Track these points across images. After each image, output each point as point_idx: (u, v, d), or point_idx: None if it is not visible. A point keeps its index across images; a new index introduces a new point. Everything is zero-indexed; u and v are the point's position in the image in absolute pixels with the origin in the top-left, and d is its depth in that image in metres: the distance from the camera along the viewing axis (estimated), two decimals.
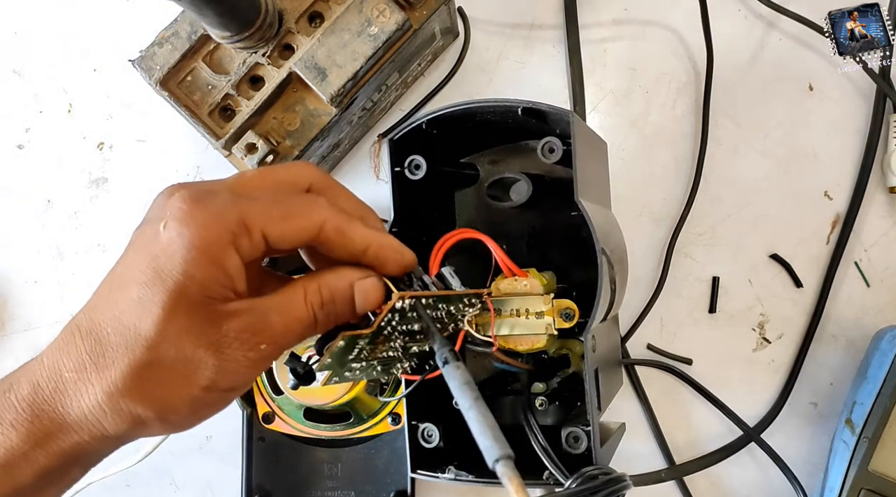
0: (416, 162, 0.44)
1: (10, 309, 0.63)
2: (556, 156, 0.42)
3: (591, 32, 0.59)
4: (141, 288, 0.28)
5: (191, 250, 0.27)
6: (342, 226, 0.31)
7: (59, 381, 0.28)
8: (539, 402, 0.44)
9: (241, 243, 0.28)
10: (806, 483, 0.53)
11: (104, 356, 0.27)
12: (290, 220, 0.30)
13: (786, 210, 0.57)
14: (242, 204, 0.29)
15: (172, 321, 0.27)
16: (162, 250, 0.28)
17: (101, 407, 0.27)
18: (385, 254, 0.32)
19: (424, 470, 0.43)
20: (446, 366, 0.31)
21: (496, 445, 0.27)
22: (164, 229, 0.28)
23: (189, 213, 0.28)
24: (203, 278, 0.27)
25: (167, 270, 0.27)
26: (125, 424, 0.28)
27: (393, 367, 0.37)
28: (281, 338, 0.30)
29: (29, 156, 0.63)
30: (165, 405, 0.28)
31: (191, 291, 0.27)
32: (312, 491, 0.57)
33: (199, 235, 0.27)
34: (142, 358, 0.27)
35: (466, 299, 0.37)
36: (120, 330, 0.28)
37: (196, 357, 0.28)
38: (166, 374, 0.28)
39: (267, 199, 0.30)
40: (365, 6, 0.48)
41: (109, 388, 0.27)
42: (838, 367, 0.56)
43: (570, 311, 0.40)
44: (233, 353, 0.28)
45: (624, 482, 0.37)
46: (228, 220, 0.28)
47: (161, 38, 0.50)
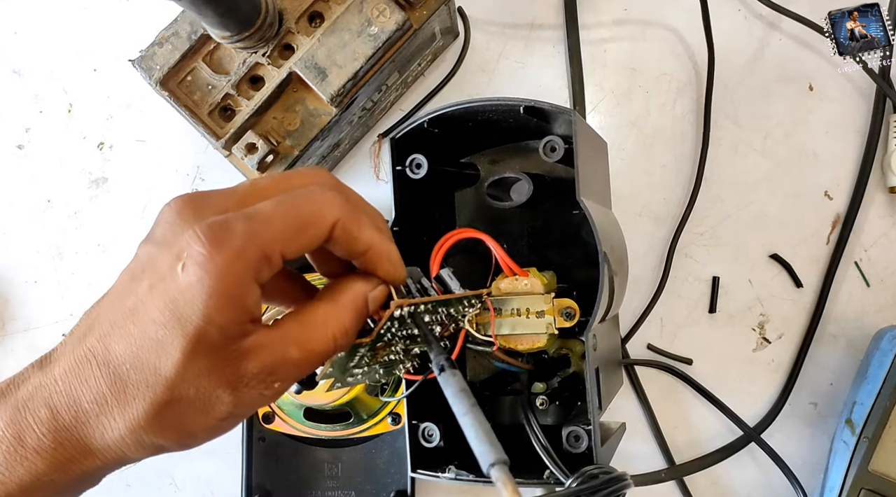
0: (417, 161, 0.44)
1: (10, 309, 0.63)
2: (558, 155, 0.42)
3: (591, 32, 0.59)
4: (159, 328, 0.27)
5: (212, 296, 0.27)
6: (351, 227, 0.30)
7: (78, 410, 0.28)
8: (540, 402, 0.44)
9: (262, 273, 0.28)
10: (806, 483, 0.53)
11: (125, 393, 0.28)
12: (306, 230, 0.29)
13: (786, 210, 0.57)
14: (260, 233, 0.28)
15: (192, 364, 0.27)
16: (181, 294, 0.27)
17: (125, 440, 0.28)
18: (381, 261, 0.32)
19: (425, 469, 0.43)
20: (442, 374, 0.32)
21: (491, 450, 0.27)
22: (182, 271, 0.27)
23: (209, 258, 0.26)
24: (223, 322, 0.27)
25: (187, 316, 0.27)
26: (147, 452, 0.29)
27: (395, 368, 0.37)
28: (296, 372, 0.30)
29: (29, 156, 0.63)
30: (185, 435, 0.29)
31: (210, 336, 0.27)
32: (312, 491, 0.57)
33: (221, 281, 0.27)
34: (162, 397, 0.27)
35: (466, 301, 0.37)
36: (139, 367, 0.28)
37: (214, 395, 0.28)
38: (186, 411, 0.28)
39: (280, 217, 0.29)
40: (365, 6, 0.48)
41: (132, 424, 0.28)
42: (838, 367, 0.56)
43: (571, 311, 0.40)
44: (249, 391, 0.29)
45: (625, 481, 0.37)
46: (250, 258, 0.27)
47: (161, 38, 0.50)
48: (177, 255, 0.27)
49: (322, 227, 0.30)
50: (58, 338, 0.62)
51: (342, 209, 0.30)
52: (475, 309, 0.38)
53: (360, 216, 0.31)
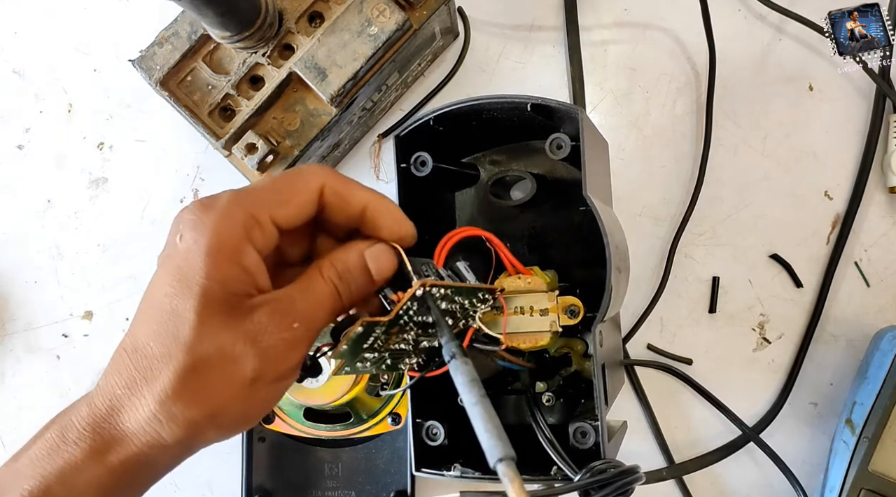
0: (422, 158, 0.44)
1: (10, 309, 0.63)
2: (564, 152, 0.42)
3: (592, 33, 0.59)
4: (172, 299, 0.29)
5: (208, 254, 0.28)
6: (340, 188, 0.32)
7: (112, 398, 0.29)
8: (546, 399, 0.44)
9: (254, 236, 0.30)
10: (806, 483, 0.53)
11: (151, 369, 0.29)
12: (293, 196, 0.31)
13: (786, 210, 0.57)
14: (245, 198, 0.30)
15: (206, 323, 0.28)
16: (183, 260, 0.29)
17: (156, 416, 0.28)
18: (381, 217, 0.33)
19: (429, 468, 0.43)
20: (453, 361, 0.31)
21: (499, 445, 0.27)
22: (180, 241, 0.29)
23: (199, 220, 0.29)
24: (224, 278, 0.29)
25: (191, 277, 0.28)
26: (180, 430, 0.29)
27: (401, 362, 0.36)
28: (311, 315, 0.31)
29: (29, 156, 0.63)
30: (216, 404, 0.29)
31: (216, 292, 0.28)
32: (312, 491, 0.57)
33: (212, 239, 0.29)
34: (185, 362, 0.28)
35: (480, 294, 0.37)
36: (161, 341, 0.29)
37: (236, 351, 0.29)
38: (210, 373, 0.29)
39: (265, 185, 0.31)
40: (365, 6, 0.48)
41: (160, 397, 0.28)
42: (838, 367, 0.56)
43: (574, 308, 0.40)
44: (269, 338, 0.29)
45: (636, 474, 0.36)
46: (237, 218, 0.29)
47: (161, 38, 0.50)
48: (177, 234, 0.29)
49: (308, 192, 0.31)
50: (58, 338, 0.62)
51: (328, 175, 0.32)
52: (486, 305, 0.38)
53: (350, 181, 0.33)
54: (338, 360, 0.33)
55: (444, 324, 0.33)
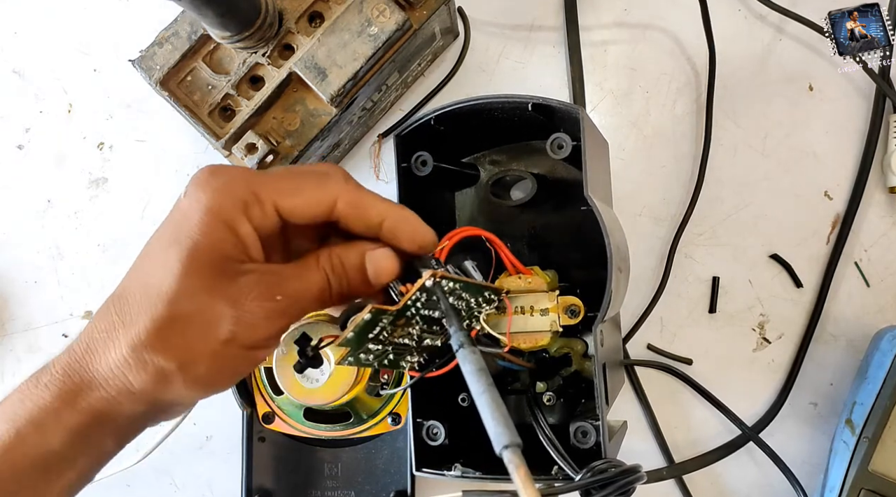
0: (422, 158, 0.44)
1: (10, 309, 0.63)
2: (565, 152, 0.42)
3: (592, 33, 0.59)
4: (163, 250, 0.30)
5: (206, 213, 0.29)
6: (356, 199, 0.32)
7: (90, 341, 0.30)
8: (547, 398, 0.44)
9: (252, 212, 0.30)
10: (806, 483, 0.53)
11: (129, 314, 0.29)
12: (302, 193, 0.31)
13: (786, 210, 0.57)
14: (254, 177, 0.31)
15: (190, 277, 0.29)
16: (181, 214, 0.30)
17: (126, 360, 0.29)
18: (400, 227, 0.33)
19: (429, 468, 0.43)
20: (461, 349, 0.31)
21: (506, 432, 0.27)
22: (184, 196, 0.30)
23: (206, 181, 0.30)
24: (217, 239, 0.29)
25: (185, 231, 0.29)
26: (149, 378, 0.29)
27: (403, 359, 0.36)
28: (296, 295, 0.31)
29: (29, 156, 0.63)
30: (187, 357, 0.29)
31: (206, 250, 0.29)
32: (312, 491, 0.57)
33: (213, 199, 0.30)
34: (163, 312, 0.29)
35: (487, 294, 0.37)
36: (144, 289, 0.29)
37: (215, 310, 0.29)
38: (187, 327, 0.29)
39: (279, 175, 0.32)
40: (365, 6, 0.48)
41: (133, 342, 0.29)
42: (838, 367, 0.56)
43: (575, 308, 0.40)
44: (249, 304, 0.30)
45: (637, 473, 0.36)
46: (239, 189, 0.30)
47: (161, 38, 0.50)
48: (184, 193, 0.31)
49: (321, 195, 0.32)
50: (58, 338, 0.62)
51: (345, 183, 0.32)
52: (491, 307, 0.38)
53: (366, 191, 0.33)
54: (343, 347, 0.33)
55: (453, 313, 0.33)
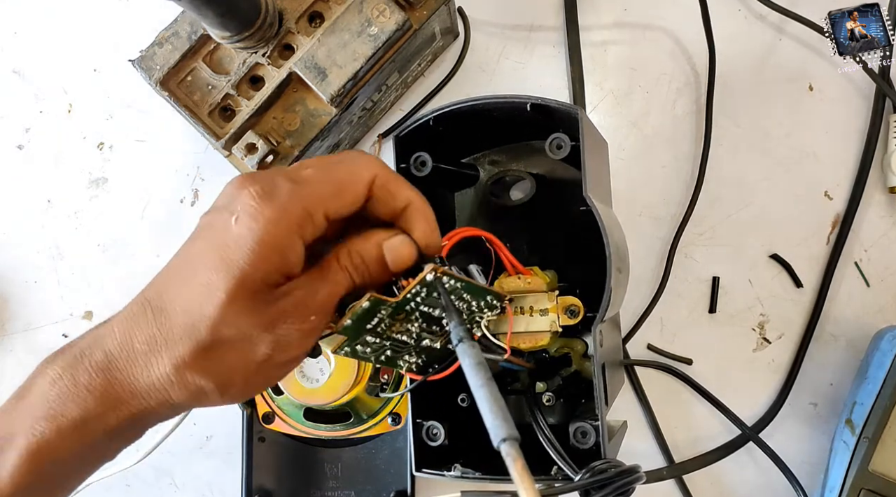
0: (421, 159, 0.44)
1: (10, 309, 0.63)
2: (564, 152, 0.42)
3: (592, 33, 0.59)
4: (209, 273, 0.30)
5: (259, 244, 0.30)
6: (389, 182, 0.33)
7: (130, 351, 0.30)
8: (546, 399, 0.44)
9: (305, 231, 0.31)
10: (806, 483, 0.53)
11: (172, 333, 0.30)
12: (344, 193, 0.32)
13: (786, 210, 0.57)
14: (304, 193, 0.31)
15: (233, 305, 0.30)
16: (233, 241, 0.30)
17: (169, 378, 0.30)
18: (419, 219, 0.33)
19: (429, 468, 0.43)
20: (461, 344, 0.31)
21: (504, 425, 0.27)
22: (235, 223, 0.30)
23: (259, 210, 0.30)
24: (266, 269, 0.30)
25: (234, 260, 0.30)
26: (188, 394, 0.31)
27: (401, 358, 0.36)
28: (328, 306, 0.32)
29: (29, 156, 0.63)
30: (225, 379, 0.31)
31: (253, 280, 0.30)
32: (312, 491, 0.57)
33: (268, 231, 0.30)
34: (206, 337, 0.30)
35: (489, 298, 0.37)
36: (188, 310, 0.30)
37: (253, 336, 0.30)
38: (226, 352, 0.30)
39: (321, 179, 0.32)
40: (365, 6, 0.48)
41: (177, 363, 0.30)
42: (838, 367, 0.56)
43: (575, 308, 0.40)
44: (286, 328, 0.31)
45: (637, 473, 0.36)
46: (294, 213, 0.30)
47: (161, 38, 0.50)
48: (232, 213, 0.30)
49: (360, 185, 0.32)
50: (58, 338, 0.62)
51: (378, 166, 0.33)
52: (493, 313, 0.38)
53: (398, 176, 0.33)
54: (340, 335, 0.34)
55: (452, 307, 0.33)
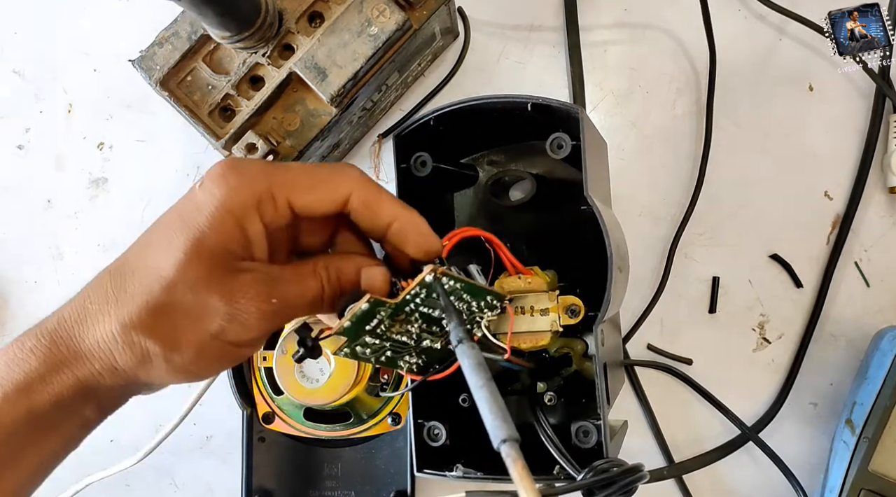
0: (422, 158, 0.44)
1: (10, 309, 0.63)
2: (565, 152, 0.42)
3: (592, 33, 0.59)
4: (169, 235, 0.30)
5: (218, 207, 0.30)
6: (369, 197, 0.33)
7: (81, 311, 0.30)
8: (548, 398, 0.44)
9: (265, 209, 0.31)
10: (806, 483, 0.53)
11: (125, 291, 0.30)
12: (317, 189, 0.32)
13: (786, 210, 0.57)
14: (273, 173, 0.31)
15: (191, 267, 0.29)
16: (194, 204, 0.30)
17: (114, 336, 0.29)
18: (409, 233, 0.33)
19: (430, 469, 0.43)
20: (460, 345, 0.31)
21: (504, 426, 0.27)
22: (199, 187, 0.31)
23: (223, 176, 0.30)
24: (224, 235, 0.30)
25: (193, 221, 0.30)
26: (133, 358, 0.30)
27: (401, 359, 0.36)
28: (290, 300, 0.32)
29: (29, 156, 0.63)
30: (172, 344, 0.30)
31: (212, 244, 0.30)
32: (312, 491, 0.57)
33: (228, 196, 0.30)
34: (159, 297, 0.29)
35: (489, 299, 0.37)
36: (143, 269, 0.30)
37: (209, 303, 0.30)
38: (178, 315, 0.30)
39: (297, 170, 0.32)
40: (365, 6, 0.48)
41: (124, 320, 0.29)
42: (838, 367, 0.56)
43: (575, 308, 0.40)
44: (245, 304, 0.30)
45: (641, 472, 0.36)
46: (256, 187, 0.31)
47: (161, 38, 0.50)
48: (199, 181, 0.31)
49: (335, 193, 0.32)
50: None
51: (360, 181, 0.33)
52: (494, 313, 0.38)
53: (381, 191, 0.33)
54: (340, 336, 0.33)
55: (452, 308, 0.33)
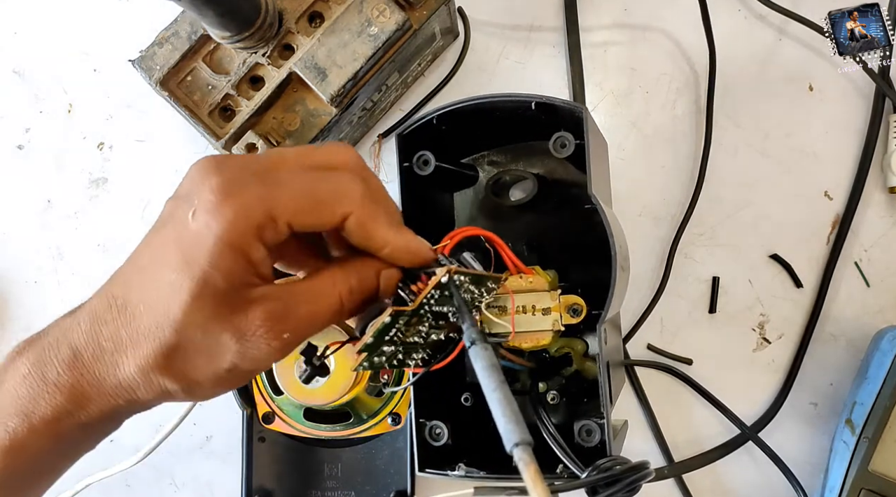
0: (424, 157, 0.44)
1: (10, 309, 0.63)
2: (568, 151, 0.42)
3: (592, 33, 0.59)
4: (171, 273, 0.29)
5: (217, 243, 0.28)
6: (366, 223, 0.31)
7: (97, 348, 0.30)
8: (551, 397, 0.44)
9: (266, 235, 0.30)
10: (806, 483, 0.53)
11: (138, 333, 0.29)
12: (316, 212, 0.31)
13: (786, 210, 0.57)
14: (270, 196, 0.29)
15: (199, 308, 0.29)
16: (191, 239, 0.29)
17: (135, 378, 0.30)
18: (400, 258, 0.33)
19: (432, 468, 0.43)
20: (473, 346, 0.31)
21: (518, 430, 0.27)
22: (192, 218, 0.29)
23: (217, 207, 0.28)
24: (228, 269, 0.29)
25: (195, 260, 0.29)
26: (155, 394, 0.30)
27: (410, 358, 0.36)
28: (306, 325, 0.31)
29: (29, 156, 0.63)
30: (191, 381, 0.30)
31: (216, 281, 0.29)
32: (312, 491, 0.57)
33: (226, 230, 0.28)
34: (171, 339, 0.29)
35: (488, 283, 0.37)
36: (153, 310, 0.29)
37: (221, 342, 0.29)
38: (193, 355, 0.30)
39: (295, 188, 0.30)
40: (365, 6, 0.48)
41: (142, 363, 0.29)
42: (838, 367, 0.56)
43: (577, 307, 0.40)
44: (256, 341, 0.30)
45: (646, 469, 0.36)
46: (255, 215, 0.29)
47: (161, 38, 0.50)
48: (191, 205, 0.29)
49: (333, 215, 0.31)
50: None
51: (359, 202, 0.31)
52: (491, 295, 0.38)
53: (378, 212, 0.32)
54: (361, 353, 0.33)
55: (465, 309, 0.33)
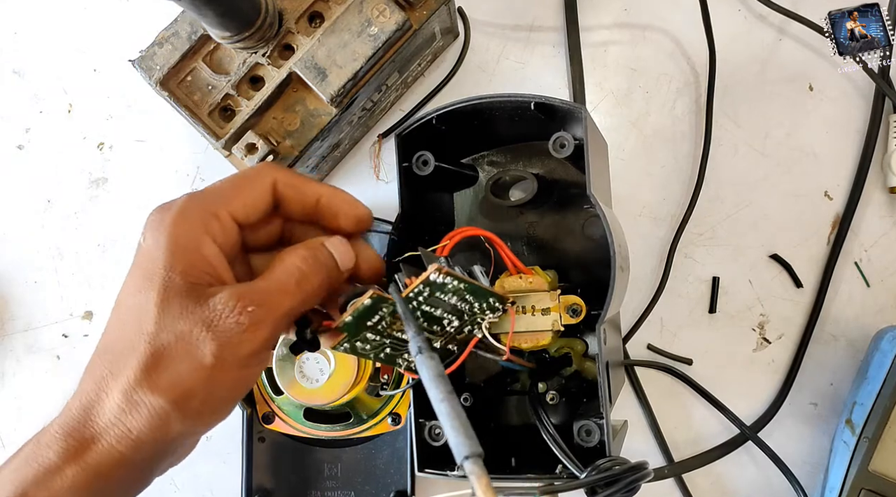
0: (424, 158, 0.44)
1: (10, 309, 0.63)
2: (568, 151, 0.42)
3: (592, 33, 0.59)
4: (136, 296, 0.30)
5: (168, 248, 0.30)
6: (292, 180, 0.34)
7: (83, 399, 0.30)
8: (550, 397, 0.44)
9: (212, 229, 0.31)
10: (806, 483, 0.53)
11: (117, 363, 0.30)
12: (245, 190, 0.33)
13: (786, 210, 0.57)
14: (201, 196, 0.32)
15: (166, 312, 0.30)
16: (145, 259, 0.31)
17: (120, 406, 0.29)
18: (337, 203, 0.35)
19: (432, 468, 0.43)
20: (419, 356, 0.31)
21: (467, 442, 0.27)
22: (143, 241, 0.31)
23: (159, 221, 0.31)
24: (184, 268, 0.30)
25: (153, 272, 0.30)
26: (145, 420, 0.29)
27: (399, 357, 0.36)
28: (269, 298, 0.31)
29: (29, 156, 0.63)
30: (179, 391, 0.30)
31: (176, 282, 0.30)
32: (312, 491, 0.57)
33: (172, 233, 0.31)
34: (147, 351, 0.29)
35: (491, 300, 0.37)
36: (125, 336, 0.30)
37: (193, 336, 0.29)
38: (172, 361, 0.29)
39: (217, 184, 0.33)
40: (365, 6, 0.48)
41: (125, 387, 0.29)
42: (838, 367, 0.56)
43: (577, 307, 0.40)
44: (224, 322, 0.30)
45: (645, 469, 0.36)
46: (194, 214, 0.31)
47: (161, 38, 0.50)
48: (142, 236, 0.32)
49: (260, 185, 0.33)
50: (58, 338, 0.62)
51: (279, 171, 0.34)
52: (495, 316, 0.38)
53: (302, 176, 0.35)
54: (341, 331, 0.33)
55: (410, 316, 0.33)
